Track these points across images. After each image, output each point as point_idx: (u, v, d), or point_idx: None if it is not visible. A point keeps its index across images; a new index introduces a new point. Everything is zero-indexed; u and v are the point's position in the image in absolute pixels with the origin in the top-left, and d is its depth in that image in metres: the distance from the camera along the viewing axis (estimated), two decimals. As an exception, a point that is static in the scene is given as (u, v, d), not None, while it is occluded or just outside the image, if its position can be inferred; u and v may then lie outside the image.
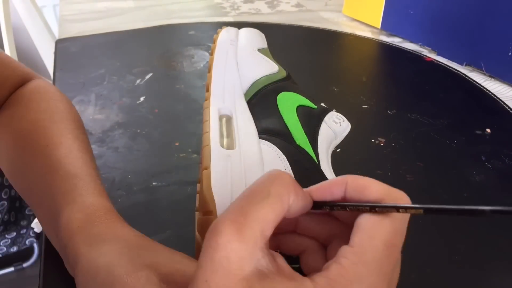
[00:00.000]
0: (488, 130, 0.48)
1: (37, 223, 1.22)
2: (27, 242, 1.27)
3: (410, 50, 0.68)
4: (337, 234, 0.24)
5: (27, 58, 1.35)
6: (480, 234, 0.35)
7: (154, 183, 0.40)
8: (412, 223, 0.36)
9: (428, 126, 0.49)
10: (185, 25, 0.76)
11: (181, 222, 0.36)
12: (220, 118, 0.33)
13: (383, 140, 0.46)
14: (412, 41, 0.71)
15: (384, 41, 0.71)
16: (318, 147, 0.33)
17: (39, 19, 1.06)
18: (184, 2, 0.89)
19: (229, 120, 0.34)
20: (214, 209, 0.27)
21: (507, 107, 0.53)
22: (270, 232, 0.20)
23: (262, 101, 0.35)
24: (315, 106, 0.36)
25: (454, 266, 0.33)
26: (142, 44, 0.69)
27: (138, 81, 0.58)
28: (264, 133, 0.32)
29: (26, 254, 1.30)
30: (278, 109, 0.34)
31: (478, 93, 0.56)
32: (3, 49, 0.98)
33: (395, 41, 0.71)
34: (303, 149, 0.32)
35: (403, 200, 0.22)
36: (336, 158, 0.36)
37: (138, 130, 0.47)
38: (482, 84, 0.58)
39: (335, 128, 0.36)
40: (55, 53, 0.66)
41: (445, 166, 0.43)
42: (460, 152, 0.45)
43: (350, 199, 0.23)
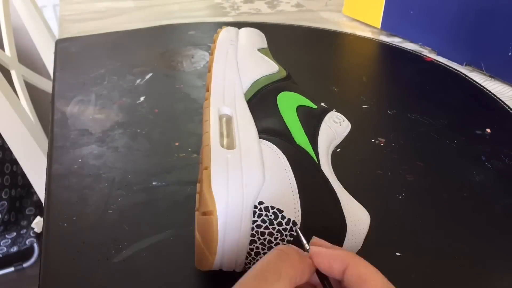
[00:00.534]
0: (488, 130, 0.48)
1: (37, 223, 1.22)
2: (27, 242, 1.27)
3: (410, 50, 0.68)
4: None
5: (27, 58, 1.35)
6: (480, 234, 0.35)
7: (154, 183, 0.40)
8: (412, 223, 0.36)
9: (428, 126, 0.49)
10: (185, 25, 0.76)
11: (181, 222, 0.36)
12: (220, 118, 0.33)
13: (383, 140, 0.46)
14: (412, 41, 0.71)
15: (384, 41, 0.71)
16: (318, 147, 0.33)
17: (39, 19, 1.06)
18: (184, 2, 0.89)
19: (229, 120, 0.34)
20: (214, 209, 0.27)
21: (507, 107, 0.53)
22: None
23: (262, 101, 0.35)
24: (315, 106, 0.36)
25: (454, 266, 0.33)
26: (142, 44, 0.69)
27: (138, 81, 0.58)
28: (264, 133, 0.32)
29: (26, 254, 1.30)
30: (278, 109, 0.34)
31: (478, 93, 0.56)
32: (3, 49, 0.97)
33: (395, 41, 0.71)
34: (303, 149, 0.32)
35: None
36: (336, 158, 0.36)
37: (138, 130, 0.47)
38: (482, 84, 0.58)
39: (335, 128, 0.36)
40: (55, 53, 0.66)
41: (445, 166, 0.43)
42: (460, 152, 0.45)
43: (347, 285, 0.23)
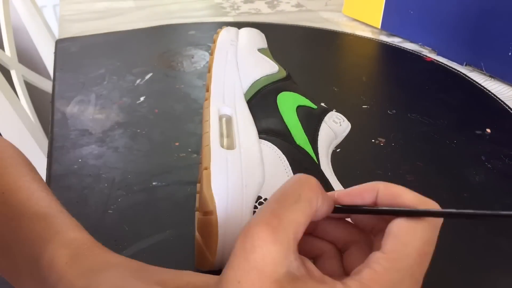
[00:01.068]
0: (488, 130, 0.48)
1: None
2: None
3: (410, 50, 0.68)
4: (355, 240, 0.24)
5: (27, 58, 1.35)
6: (480, 234, 0.35)
7: (154, 183, 0.40)
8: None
9: (428, 126, 0.49)
10: (185, 25, 0.76)
11: (181, 222, 0.36)
12: (220, 118, 0.33)
13: (383, 140, 0.46)
14: (412, 41, 0.71)
15: (384, 41, 0.71)
16: (318, 147, 0.33)
17: (39, 19, 1.06)
18: (184, 2, 0.89)
19: (229, 120, 0.34)
20: (214, 209, 0.27)
21: (507, 107, 0.53)
22: (301, 234, 0.21)
23: (262, 101, 0.35)
24: (315, 106, 0.36)
25: (454, 266, 0.33)
26: (142, 44, 0.69)
27: (138, 81, 0.58)
28: (264, 133, 0.32)
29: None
30: (278, 109, 0.34)
31: (478, 93, 0.56)
32: (3, 49, 0.97)
33: (395, 41, 0.71)
34: (303, 149, 0.32)
35: (436, 208, 0.22)
36: (336, 158, 0.36)
37: (138, 130, 0.47)
38: (482, 84, 0.58)
39: (335, 128, 0.36)
40: (55, 53, 0.66)
41: (445, 166, 0.43)
42: (460, 152, 0.45)
43: (382, 206, 0.23)
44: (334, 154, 0.36)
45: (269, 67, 0.39)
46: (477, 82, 0.58)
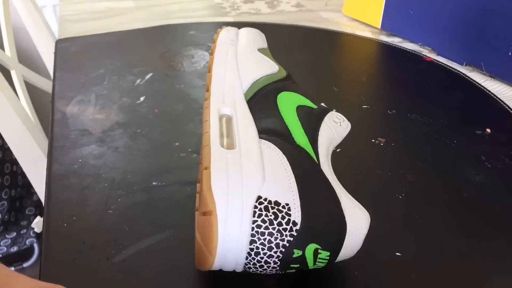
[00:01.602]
0: (488, 130, 0.48)
1: (37, 223, 1.22)
2: (27, 242, 1.27)
3: (410, 50, 0.68)
4: None
5: (27, 58, 1.35)
6: (480, 234, 0.35)
7: (154, 183, 0.40)
8: (412, 223, 0.36)
9: (428, 126, 0.49)
10: (185, 25, 0.76)
11: (181, 222, 0.36)
12: (220, 118, 0.33)
13: (383, 140, 0.46)
14: (412, 41, 0.71)
15: (384, 41, 0.71)
16: (318, 147, 0.33)
17: (39, 19, 1.06)
18: (184, 2, 0.89)
19: (229, 120, 0.34)
20: (214, 209, 0.27)
21: (507, 107, 0.53)
22: None
23: (262, 101, 0.35)
24: (315, 106, 0.36)
25: (454, 266, 0.33)
26: (142, 44, 0.69)
27: (138, 81, 0.58)
28: (264, 133, 0.32)
29: (26, 254, 1.30)
30: (278, 109, 0.34)
31: (478, 93, 0.56)
32: (3, 49, 0.97)
33: (395, 41, 0.71)
34: (303, 149, 0.32)
35: None
36: (336, 158, 0.36)
37: (138, 130, 0.47)
38: (482, 84, 0.58)
39: (335, 128, 0.36)
40: (55, 53, 0.66)
41: (445, 166, 0.43)
42: (460, 152, 0.45)
43: None
44: (334, 154, 0.36)
45: (269, 67, 0.39)
46: (477, 82, 0.58)
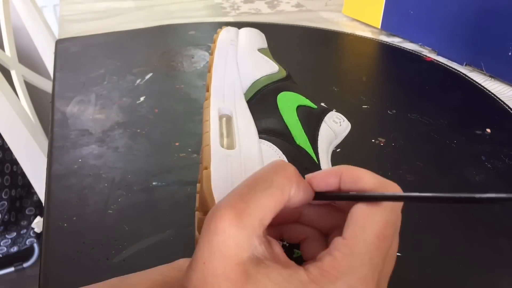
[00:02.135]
0: (488, 130, 0.48)
1: (37, 223, 1.22)
2: (27, 242, 1.27)
3: (410, 50, 0.68)
4: (338, 224, 0.24)
5: (27, 58, 1.35)
6: (480, 234, 0.35)
7: (154, 183, 0.40)
8: (412, 224, 0.36)
9: (428, 126, 0.49)
10: (185, 25, 0.76)
11: (181, 222, 0.36)
12: (220, 118, 0.33)
13: (383, 140, 0.46)
14: (412, 41, 0.71)
15: (384, 41, 0.71)
16: (318, 147, 0.33)
17: (39, 19, 1.06)
18: (184, 2, 0.89)
19: (229, 120, 0.34)
20: (214, 209, 0.27)
21: (507, 107, 0.53)
22: (268, 220, 0.21)
23: (262, 101, 0.35)
24: (315, 106, 0.36)
25: (454, 266, 0.33)
26: (142, 44, 0.69)
27: (138, 81, 0.58)
28: (264, 133, 0.32)
29: (26, 254, 1.30)
30: (278, 109, 0.34)
31: (478, 93, 0.56)
32: (3, 49, 0.97)
33: (395, 41, 0.71)
34: (303, 149, 0.32)
35: (397, 191, 0.22)
36: (336, 158, 0.36)
37: (138, 130, 0.47)
38: (482, 84, 0.58)
39: (335, 128, 0.36)
40: (55, 53, 0.66)
41: (445, 166, 0.43)
42: (460, 152, 0.45)
43: (344, 190, 0.23)
44: (334, 154, 0.36)
45: (269, 67, 0.39)
46: (477, 82, 0.58)
